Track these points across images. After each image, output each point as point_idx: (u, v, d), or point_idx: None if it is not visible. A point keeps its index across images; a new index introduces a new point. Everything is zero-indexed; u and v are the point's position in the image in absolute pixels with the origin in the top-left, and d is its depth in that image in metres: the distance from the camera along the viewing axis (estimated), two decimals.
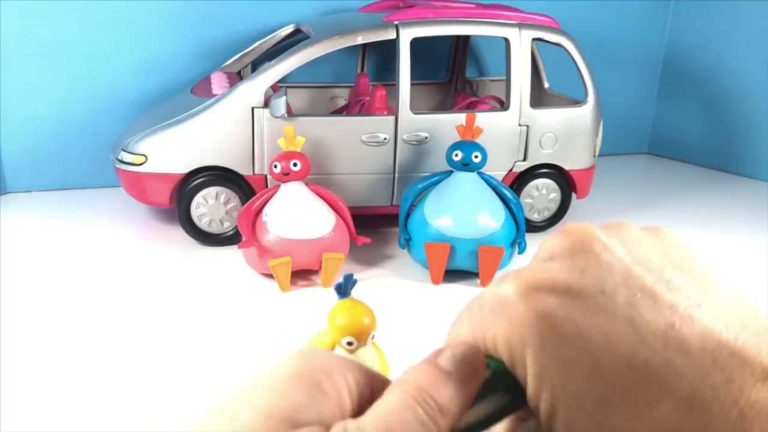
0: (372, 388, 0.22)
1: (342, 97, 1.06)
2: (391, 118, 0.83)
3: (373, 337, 0.28)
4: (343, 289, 0.28)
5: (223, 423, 0.19)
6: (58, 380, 0.56)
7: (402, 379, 0.21)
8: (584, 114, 0.89)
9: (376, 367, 0.30)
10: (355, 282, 0.26)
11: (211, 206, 0.83)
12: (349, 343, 0.29)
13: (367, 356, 0.29)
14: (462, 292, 0.75)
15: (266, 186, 0.83)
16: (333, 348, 0.33)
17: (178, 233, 0.85)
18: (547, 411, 0.19)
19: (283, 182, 0.76)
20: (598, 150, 0.93)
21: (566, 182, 0.91)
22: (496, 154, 0.84)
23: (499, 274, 0.76)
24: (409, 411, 0.20)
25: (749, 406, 0.16)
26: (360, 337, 0.28)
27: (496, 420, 0.22)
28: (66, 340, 0.62)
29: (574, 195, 0.93)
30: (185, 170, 0.82)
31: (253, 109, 0.80)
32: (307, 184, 0.76)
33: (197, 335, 0.64)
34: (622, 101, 1.27)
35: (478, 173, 0.78)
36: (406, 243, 0.78)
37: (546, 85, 1.01)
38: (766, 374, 0.17)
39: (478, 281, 0.76)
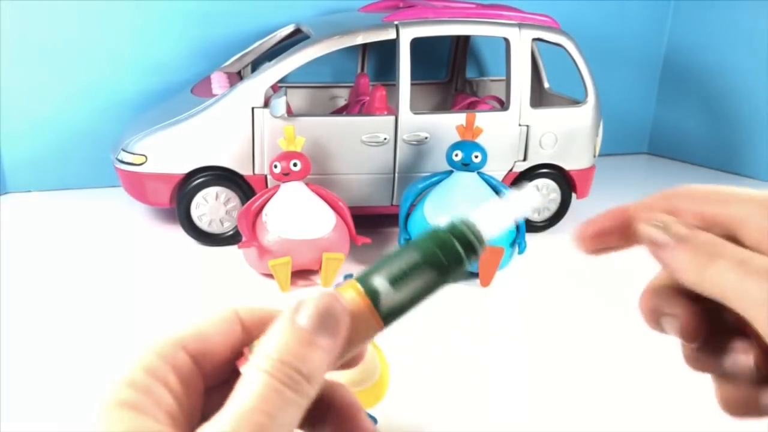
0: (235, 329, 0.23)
1: (342, 97, 1.06)
2: (391, 118, 0.83)
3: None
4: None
5: None
6: (58, 380, 0.56)
7: (263, 352, 0.20)
8: (584, 114, 0.89)
9: (375, 369, 0.28)
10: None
11: (211, 206, 0.83)
12: None
13: (366, 361, 0.29)
14: (462, 292, 0.75)
15: (266, 186, 0.83)
16: None
17: (178, 233, 0.85)
18: None
19: (283, 182, 0.76)
20: (598, 150, 0.93)
21: (566, 182, 0.91)
22: (496, 154, 0.84)
23: (498, 274, 0.77)
24: (276, 396, 0.19)
25: None
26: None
27: (419, 301, 0.23)
28: (66, 340, 0.62)
29: (574, 195, 0.93)
30: (185, 170, 0.82)
31: (253, 109, 0.80)
32: (307, 184, 0.76)
33: None
34: (622, 101, 1.27)
35: (478, 173, 0.78)
36: (406, 243, 0.78)
37: (546, 85, 1.01)
38: None
39: (478, 281, 0.76)
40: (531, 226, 0.91)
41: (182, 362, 0.21)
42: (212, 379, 0.22)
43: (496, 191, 0.77)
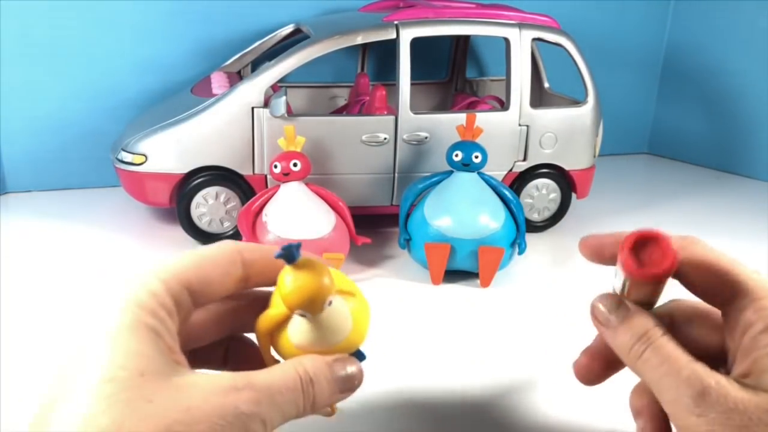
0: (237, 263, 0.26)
1: (342, 97, 1.06)
2: (391, 118, 0.83)
3: (329, 304, 0.25)
4: (289, 255, 0.24)
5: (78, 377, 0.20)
6: None
7: (305, 363, 0.25)
8: (584, 114, 0.89)
9: (345, 327, 0.26)
10: (298, 246, 0.22)
11: (211, 206, 0.83)
12: (302, 315, 0.26)
13: (331, 321, 0.26)
14: (462, 292, 0.75)
15: (266, 186, 0.83)
16: (287, 318, 0.27)
17: (178, 233, 0.85)
18: None
19: (283, 182, 0.76)
20: (598, 150, 0.93)
21: (566, 182, 0.91)
22: (496, 154, 0.84)
23: (498, 274, 0.77)
24: (290, 394, 0.23)
25: None
26: (311, 308, 0.24)
27: None
28: (66, 341, 0.62)
29: (574, 195, 0.93)
30: (185, 170, 0.82)
31: (253, 109, 0.80)
32: (307, 184, 0.76)
33: None
34: (622, 101, 1.27)
35: (478, 173, 0.78)
36: (406, 243, 0.78)
37: (546, 85, 1.01)
38: None
39: (478, 282, 0.76)
40: (531, 226, 0.91)
41: (182, 298, 0.25)
42: (212, 301, 0.26)
43: (497, 191, 0.77)
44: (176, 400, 0.20)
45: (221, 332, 0.28)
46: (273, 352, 0.31)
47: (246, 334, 0.35)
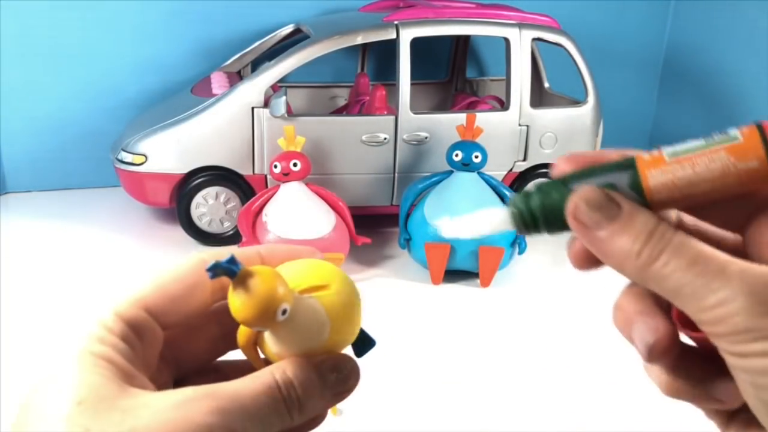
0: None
1: (342, 97, 1.06)
2: (391, 118, 0.83)
3: (284, 313, 0.22)
4: (224, 272, 0.21)
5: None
6: None
7: (284, 367, 0.23)
8: (584, 114, 0.89)
9: (319, 327, 0.24)
10: (230, 259, 0.20)
11: (211, 206, 0.83)
12: (259, 330, 0.24)
13: (296, 327, 0.23)
14: (462, 292, 0.75)
15: (266, 186, 0.83)
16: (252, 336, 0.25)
17: (178, 233, 0.85)
18: None
19: (283, 182, 0.76)
20: (598, 150, 0.93)
21: None
22: (496, 154, 0.84)
23: (498, 274, 0.77)
24: (270, 403, 0.21)
25: None
26: (261, 324, 0.22)
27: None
28: (66, 341, 0.62)
29: None
30: (185, 170, 0.82)
31: (253, 109, 0.80)
32: (307, 184, 0.76)
33: None
34: (622, 101, 1.26)
35: (478, 173, 0.78)
36: (406, 243, 0.78)
37: (546, 85, 1.01)
38: None
39: (478, 282, 0.76)
40: None
41: (140, 319, 0.23)
42: (183, 322, 0.24)
43: (496, 191, 0.77)
44: (119, 424, 0.19)
45: (217, 350, 0.27)
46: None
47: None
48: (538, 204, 0.23)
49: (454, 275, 0.77)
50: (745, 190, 0.21)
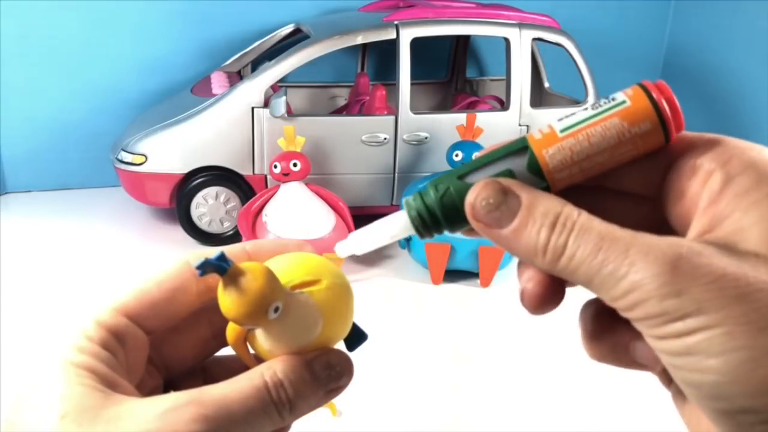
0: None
1: (342, 96, 1.06)
2: (391, 118, 0.83)
3: (276, 310, 0.21)
4: (214, 269, 0.21)
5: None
6: None
7: (273, 366, 0.22)
8: None
9: (311, 323, 0.23)
10: (219, 256, 0.20)
11: (211, 206, 0.83)
12: (250, 328, 0.23)
13: (289, 323, 0.22)
14: (462, 292, 0.75)
15: (266, 186, 0.83)
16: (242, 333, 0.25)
17: (178, 233, 0.85)
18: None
19: (283, 182, 0.76)
20: None
21: None
22: None
23: (498, 274, 0.76)
24: (259, 405, 0.21)
25: None
26: (252, 322, 0.21)
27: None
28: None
29: None
30: (185, 170, 0.82)
31: (253, 109, 0.80)
32: (307, 184, 0.76)
33: None
34: None
35: None
36: (406, 243, 0.78)
37: (546, 85, 1.01)
38: None
39: (478, 282, 0.76)
40: None
41: (121, 326, 0.23)
42: (167, 326, 0.24)
43: None
44: None
45: (207, 349, 0.26)
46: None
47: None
48: (436, 203, 0.22)
49: (454, 275, 0.77)
50: (643, 153, 0.21)
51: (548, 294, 0.22)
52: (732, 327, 0.17)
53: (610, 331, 0.22)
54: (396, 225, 0.23)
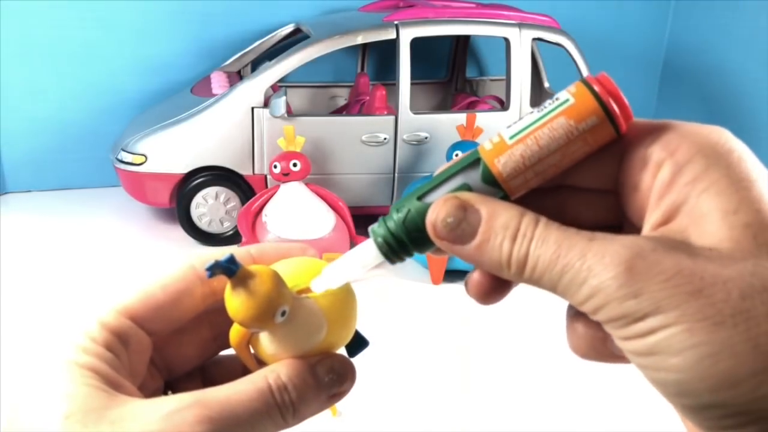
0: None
1: (342, 96, 1.06)
2: (391, 118, 0.83)
3: (283, 314, 0.21)
4: (223, 271, 0.21)
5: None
6: None
7: (277, 370, 0.22)
8: None
9: (316, 327, 0.24)
10: (229, 258, 0.20)
11: (211, 206, 0.83)
12: (256, 331, 0.23)
13: (294, 327, 0.23)
14: (462, 292, 0.75)
15: (266, 186, 0.83)
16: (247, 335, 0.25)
17: (178, 233, 0.85)
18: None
19: (283, 182, 0.76)
20: None
21: None
22: None
23: None
24: (264, 408, 0.21)
25: None
26: (259, 325, 0.22)
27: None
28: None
29: None
30: (185, 170, 0.82)
31: (253, 109, 0.80)
32: (307, 184, 0.76)
33: None
34: None
35: None
36: None
37: (546, 85, 1.01)
38: None
39: None
40: None
41: (124, 327, 0.23)
42: (171, 328, 0.24)
43: None
44: None
45: (208, 351, 0.26)
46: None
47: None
48: (400, 227, 0.22)
49: (454, 275, 0.77)
50: (596, 148, 0.21)
51: (492, 284, 0.23)
52: (690, 324, 0.17)
53: (588, 327, 0.22)
54: (365, 254, 0.22)
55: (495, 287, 0.23)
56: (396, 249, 0.22)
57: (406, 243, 0.22)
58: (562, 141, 0.20)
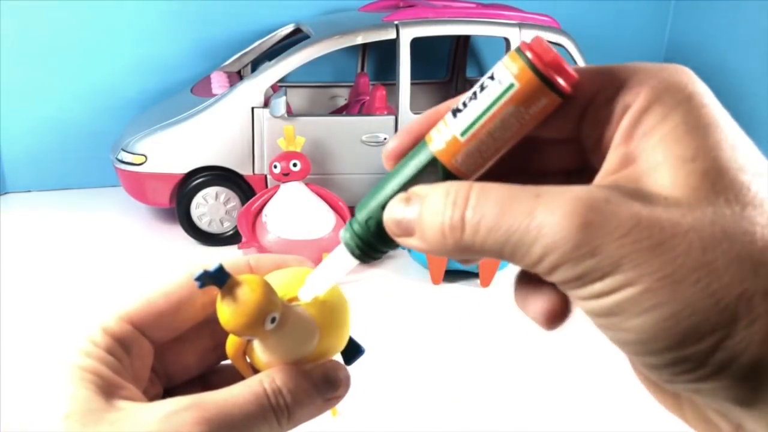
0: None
1: (342, 96, 1.06)
2: (391, 118, 0.83)
3: (273, 321, 0.22)
4: (213, 280, 0.21)
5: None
6: None
7: (272, 374, 0.22)
8: None
9: (308, 335, 0.24)
10: (218, 268, 0.21)
11: (211, 206, 0.83)
12: (248, 339, 0.24)
13: (286, 335, 0.23)
14: (462, 292, 0.75)
15: (266, 186, 0.83)
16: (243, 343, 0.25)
17: (178, 233, 0.85)
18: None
19: (283, 182, 0.76)
20: None
21: None
22: None
23: (498, 274, 0.77)
24: (259, 411, 0.21)
25: None
26: (250, 333, 0.22)
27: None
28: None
29: None
30: (185, 170, 0.82)
31: (253, 109, 0.80)
32: (307, 184, 0.76)
33: None
34: None
35: None
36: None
37: None
38: None
39: (478, 281, 0.76)
40: None
41: (126, 333, 0.23)
42: (171, 336, 0.24)
43: None
44: None
45: (209, 360, 0.26)
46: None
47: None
48: (363, 229, 0.22)
49: (454, 275, 0.77)
50: (546, 116, 0.20)
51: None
52: (650, 283, 0.16)
53: (542, 290, 0.20)
54: (342, 258, 0.23)
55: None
56: (366, 250, 0.22)
57: (373, 243, 0.22)
58: (515, 127, 0.20)
